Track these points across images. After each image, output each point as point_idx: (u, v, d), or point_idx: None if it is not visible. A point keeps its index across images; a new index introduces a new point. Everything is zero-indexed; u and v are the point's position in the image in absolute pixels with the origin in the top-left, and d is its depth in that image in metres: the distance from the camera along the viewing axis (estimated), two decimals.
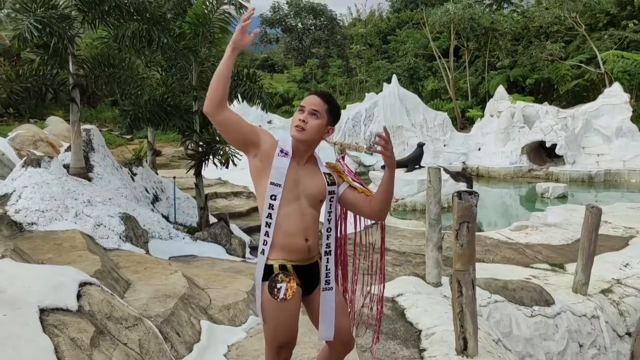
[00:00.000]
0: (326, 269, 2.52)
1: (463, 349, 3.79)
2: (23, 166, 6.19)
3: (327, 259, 2.53)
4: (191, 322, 4.11)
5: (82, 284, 3.29)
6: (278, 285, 2.39)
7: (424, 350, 4.04)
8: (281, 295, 2.38)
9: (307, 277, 2.50)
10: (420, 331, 4.37)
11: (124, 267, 4.99)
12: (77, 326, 2.87)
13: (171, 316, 3.94)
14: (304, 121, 2.38)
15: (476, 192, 3.74)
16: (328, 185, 2.49)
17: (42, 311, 2.82)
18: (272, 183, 2.37)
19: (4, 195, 5.88)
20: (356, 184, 2.60)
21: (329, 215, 2.53)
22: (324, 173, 2.53)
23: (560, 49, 25.73)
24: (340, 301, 2.63)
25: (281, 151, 2.41)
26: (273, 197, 2.37)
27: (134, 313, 3.46)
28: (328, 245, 2.55)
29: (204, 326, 4.18)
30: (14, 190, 5.87)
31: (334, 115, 2.47)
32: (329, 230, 2.54)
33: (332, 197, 2.51)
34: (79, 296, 3.16)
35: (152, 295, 4.26)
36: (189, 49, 7.53)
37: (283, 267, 2.42)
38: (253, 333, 4.37)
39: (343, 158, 2.83)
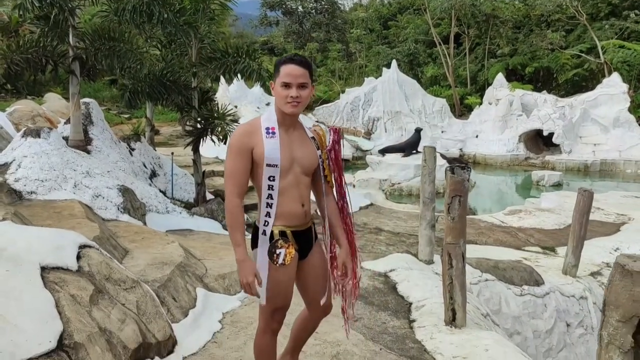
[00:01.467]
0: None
1: (452, 319, 3.90)
2: (23, 136, 6.24)
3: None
4: (187, 288, 4.21)
5: (82, 247, 3.36)
6: (277, 251, 2.45)
7: (413, 321, 4.15)
8: (280, 261, 2.45)
9: (304, 242, 2.58)
10: (410, 304, 4.48)
11: (122, 237, 5.07)
12: (76, 284, 2.95)
13: (168, 282, 4.03)
14: (298, 96, 2.39)
15: (469, 167, 3.81)
16: (316, 149, 2.55)
17: (43, 269, 2.90)
18: (268, 165, 2.39)
19: (3, 164, 5.94)
20: (327, 166, 2.62)
21: (324, 179, 2.61)
22: (311, 138, 2.57)
23: (560, 38, 25.65)
24: (326, 266, 2.71)
25: (267, 132, 2.42)
26: (271, 178, 2.41)
27: (131, 276, 3.54)
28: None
29: (199, 293, 4.27)
30: (14, 160, 5.93)
31: (312, 73, 2.48)
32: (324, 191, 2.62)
33: (322, 161, 2.58)
34: (78, 257, 3.23)
35: (150, 262, 4.35)
36: (189, 24, 7.53)
37: (283, 234, 2.48)
38: (247, 302, 4.46)
39: (337, 132, 2.76)
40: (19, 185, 5.61)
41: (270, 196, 2.43)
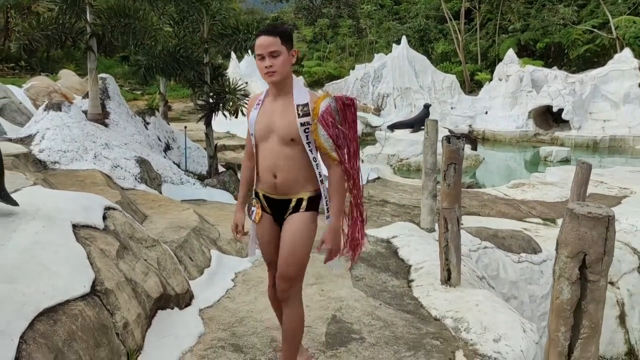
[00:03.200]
0: (324, 197, 2.64)
1: (447, 279, 4.19)
2: (45, 110, 6.59)
3: (323, 187, 2.68)
4: (202, 250, 4.54)
5: (107, 208, 3.68)
6: (252, 208, 2.74)
7: (412, 280, 4.45)
8: (252, 217, 2.74)
9: (278, 209, 2.68)
10: (410, 266, 4.77)
11: (141, 204, 5.40)
12: (104, 240, 3.28)
13: (184, 243, 4.37)
14: (270, 66, 2.45)
15: (464, 137, 4.06)
16: (300, 117, 2.49)
17: (74, 226, 3.22)
18: (250, 134, 2.67)
19: (28, 136, 6.30)
20: (317, 137, 2.50)
21: (309, 146, 2.53)
22: (298, 105, 2.51)
23: (573, 13, 25.44)
24: (293, 238, 2.65)
25: (257, 103, 2.64)
26: (254, 146, 2.67)
27: (152, 236, 3.87)
28: (320, 174, 2.64)
29: (213, 255, 4.60)
30: (38, 132, 6.29)
31: (287, 38, 2.48)
32: (315, 160, 2.57)
33: (307, 128, 2.50)
34: (104, 218, 3.55)
35: (167, 226, 4.68)
36: (200, 1, 7.75)
37: (257, 194, 2.73)
38: (258, 264, 4.78)
39: (340, 101, 2.57)
40: (43, 156, 5.97)
41: (257, 161, 2.68)
